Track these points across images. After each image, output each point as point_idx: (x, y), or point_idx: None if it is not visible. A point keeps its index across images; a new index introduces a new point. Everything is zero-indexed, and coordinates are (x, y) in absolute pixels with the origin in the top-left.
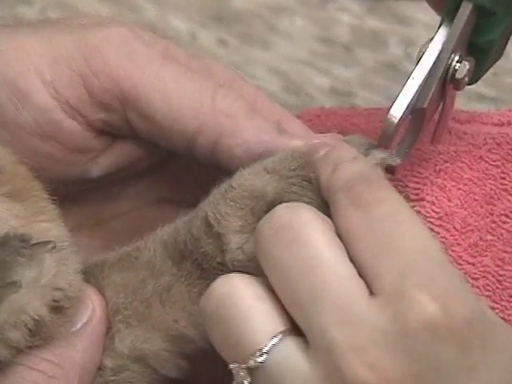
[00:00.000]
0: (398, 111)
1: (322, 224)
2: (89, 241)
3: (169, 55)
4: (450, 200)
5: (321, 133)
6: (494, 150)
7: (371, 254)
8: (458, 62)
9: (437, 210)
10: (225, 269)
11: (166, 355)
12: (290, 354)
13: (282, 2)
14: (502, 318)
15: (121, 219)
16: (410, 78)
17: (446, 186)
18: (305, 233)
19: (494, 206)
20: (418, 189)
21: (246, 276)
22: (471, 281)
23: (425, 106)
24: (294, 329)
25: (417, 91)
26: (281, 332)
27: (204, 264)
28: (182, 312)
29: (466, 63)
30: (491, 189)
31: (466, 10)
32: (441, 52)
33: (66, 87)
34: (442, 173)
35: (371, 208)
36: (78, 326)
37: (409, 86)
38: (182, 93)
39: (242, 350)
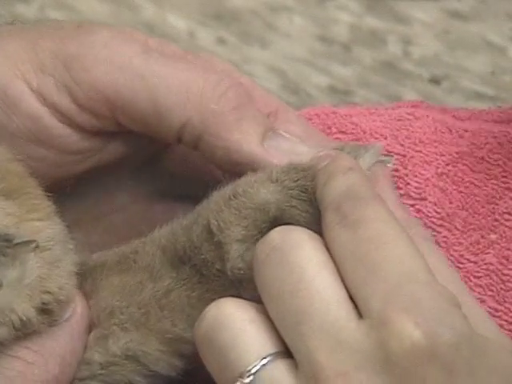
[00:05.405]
0: None
1: (314, 246)
2: (88, 235)
3: (149, 48)
4: (451, 202)
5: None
6: (495, 150)
7: (357, 276)
8: None
9: (438, 210)
10: (224, 276)
11: (159, 354)
12: (278, 375)
13: (281, 1)
14: (505, 321)
15: (119, 213)
16: None
17: (447, 189)
18: (294, 255)
19: (497, 204)
20: (420, 188)
21: (239, 300)
22: (474, 280)
23: None
24: (287, 351)
25: None
26: (271, 354)
27: (203, 270)
28: (181, 314)
29: None
30: (493, 188)
31: None
32: None
33: (53, 95)
34: (443, 176)
35: (357, 228)
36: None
37: None
38: (168, 87)
39: (231, 372)
